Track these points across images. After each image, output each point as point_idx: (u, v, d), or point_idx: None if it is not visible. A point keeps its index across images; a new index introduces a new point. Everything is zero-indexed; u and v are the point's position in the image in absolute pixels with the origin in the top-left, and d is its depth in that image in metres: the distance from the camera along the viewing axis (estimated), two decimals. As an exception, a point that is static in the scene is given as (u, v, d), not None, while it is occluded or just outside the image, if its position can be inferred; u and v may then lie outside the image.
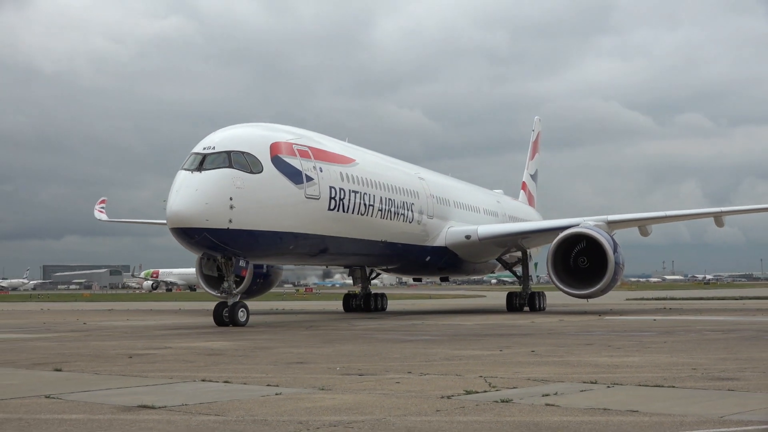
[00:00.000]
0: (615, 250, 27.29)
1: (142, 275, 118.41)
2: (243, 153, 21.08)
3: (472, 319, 24.86)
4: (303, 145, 23.19)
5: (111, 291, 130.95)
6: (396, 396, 7.95)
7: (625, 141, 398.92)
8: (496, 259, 34.51)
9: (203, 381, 9.33)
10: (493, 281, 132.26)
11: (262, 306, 38.01)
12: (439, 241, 30.82)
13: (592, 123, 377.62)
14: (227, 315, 20.98)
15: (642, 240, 33.17)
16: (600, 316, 25.85)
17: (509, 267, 35.91)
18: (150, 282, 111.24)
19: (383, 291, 40.66)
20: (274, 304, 43.37)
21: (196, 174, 20.44)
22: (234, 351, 13.75)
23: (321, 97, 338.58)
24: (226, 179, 20.46)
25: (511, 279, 47.50)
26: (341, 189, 24.07)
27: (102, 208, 44.51)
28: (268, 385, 8.84)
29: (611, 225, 30.62)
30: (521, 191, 49.13)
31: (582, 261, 28.47)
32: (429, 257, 30.66)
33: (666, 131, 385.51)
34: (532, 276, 36.03)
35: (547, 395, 7.80)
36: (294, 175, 22.12)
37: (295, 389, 8.54)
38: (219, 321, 21.12)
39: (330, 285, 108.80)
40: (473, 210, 34.61)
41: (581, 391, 8.12)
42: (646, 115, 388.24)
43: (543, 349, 13.26)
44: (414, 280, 44.11)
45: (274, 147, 21.94)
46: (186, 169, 20.68)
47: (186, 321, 26.04)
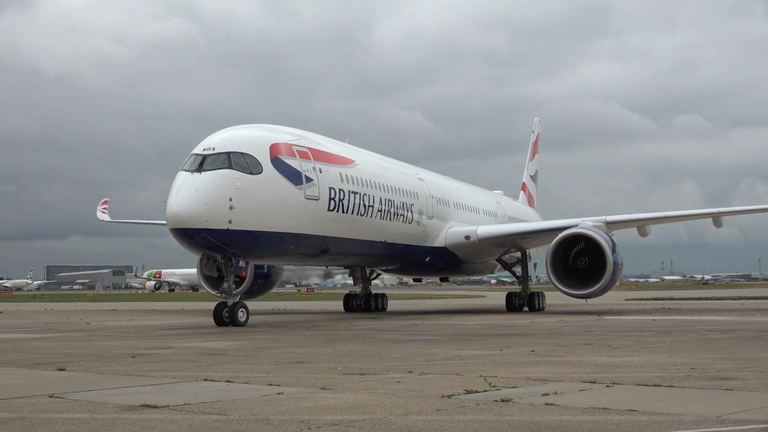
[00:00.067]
0: (613, 250, 27.32)
1: (145, 275, 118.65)
2: (243, 154, 21.12)
3: (472, 319, 24.91)
4: (302, 146, 23.22)
5: (114, 291, 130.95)
6: (397, 395, 7.99)
7: (624, 142, 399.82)
8: (495, 260, 34.54)
9: (206, 381, 9.38)
10: (493, 281, 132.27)
11: (263, 306, 38.03)
12: (439, 242, 30.86)
13: (591, 124, 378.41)
14: (227, 315, 21.02)
15: (641, 240, 33.30)
16: (599, 316, 25.89)
17: (509, 267, 35.95)
18: (153, 282, 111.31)
19: (384, 291, 40.75)
20: (275, 304, 43.37)
21: (196, 175, 20.49)
22: (236, 351, 13.79)
23: (322, 99, 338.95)
24: (225, 180, 20.50)
25: (511, 279, 47.52)
26: (341, 190, 24.11)
27: (105, 208, 44.48)
28: (269, 385, 8.88)
29: (610, 225, 30.67)
30: (521, 192, 49.15)
31: (581, 261, 28.51)
32: (429, 258, 30.70)
33: (664, 132, 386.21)
34: (531, 276, 36.08)
35: (547, 395, 7.84)
36: (293, 176, 22.16)
37: (297, 389, 8.58)
38: (219, 321, 21.17)
39: (331, 285, 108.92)
40: (473, 211, 34.65)
41: (581, 391, 8.16)
42: (644, 117, 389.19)
43: (543, 349, 13.30)
44: (414, 280, 44.12)
45: (273, 148, 21.98)
46: (186, 170, 20.74)
47: (188, 321, 26.06)
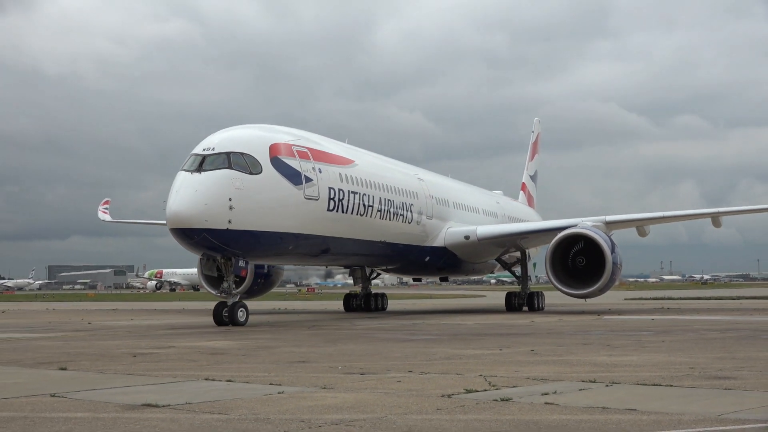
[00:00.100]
0: (613, 250, 27.34)
1: (146, 275, 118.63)
2: (242, 154, 21.13)
3: (472, 319, 24.93)
4: (302, 146, 23.22)
5: (115, 291, 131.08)
6: (397, 395, 8.02)
7: (624, 142, 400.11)
8: (495, 260, 34.55)
9: (206, 380, 9.40)
10: (493, 281, 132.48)
11: (264, 306, 38.05)
12: (439, 242, 30.87)
13: (590, 124, 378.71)
14: (227, 315, 21.04)
15: (640, 240, 33.32)
16: (598, 315, 25.91)
17: (508, 267, 35.98)
18: (154, 282, 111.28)
19: (384, 291, 40.77)
20: (276, 303, 43.39)
21: (195, 175, 20.51)
22: (237, 350, 13.82)
23: (322, 99, 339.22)
24: (225, 180, 20.51)
25: (511, 279, 47.60)
26: (340, 190, 24.12)
27: (106, 209, 44.49)
28: (270, 384, 8.91)
29: (609, 225, 30.68)
30: (521, 192, 49.17)
31: (580, 261, 28.51)
32: (428, 257, 30.72)
33: (663, 133, 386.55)
34: (531, 276, 36.17)
35: (547, 394, 7.87)
36: (293, 176, 22.17)
37: (298, 388, 8.60)
38: (219, 321, 21.19)
39: (332, 285, 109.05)
40: (472, 210, 34.67)
41: (580, 390, 8.18)
42: (644, 117, 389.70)
43: (542, 349, 13.33)
44: (414, 280, 44.14)
45: (273, 148, 21.99)
46: (186, 170, 20.75)
47: (189, 321, 26.08)
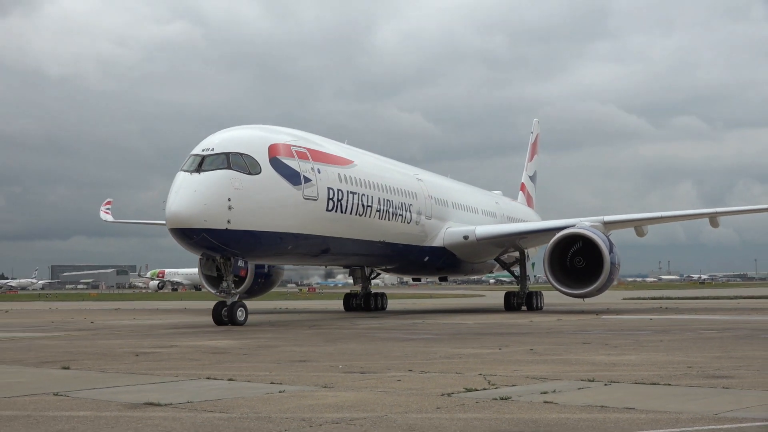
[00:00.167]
0: (611, 250, 27.40)
1: (148, 275, 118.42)
2: (241, 154, 21.16)
3: (471, 318, 24.98)
4: (301, 147, 23.25)
5: (118, 291, 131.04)
6: (397, 393, 8.06)
7: (622, 143, 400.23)
8: (494, 260, 34.59)
9: (208, 379, 9.45)
10: (492, 281, 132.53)
11: (265, 305, 38.08)
12: (438, 242, 30.91)
13: (589, 126, 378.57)
14: (226, 314, 21.08)
15: (638, 240, 33.40)
16: (597, 315, 25.96)
17: (507, 267, 36.02)
18: (156, 282, 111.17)
19: (384, 290, 40.83)
20: (276, 303, 43.42)
21: (194, 175, 20.54)
22: (238, 349, 13.86)
23: (322, 100, 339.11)
24: (224, 180, 20.54)
25: (509, 279, 47.63)
26: (339, 190, 24.16)
27: (108, 209, 44.49)
28: (271, 383, 8.95)
29: (608, 225, 30.74)
30: (520, 192, 49.21)
31: (578, 261, 28.58)
32: (427, 257, 30.76)
33: (662, 134, 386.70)
34: (529, 276, 36.18)
35: (546, 393, 7.91)
36: (292, 177, 22.20)
37: (298, 387, 8.65)
38: (218, 320, 21.24)
39: (332, 285, 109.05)
40: (471, 211, 34.71)
41: (579, 389, 8.22)
42: (642, 118, 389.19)
43: (541, 348, 13.38)
44: (413, 279, 44.19)
45: (272, 148, 22.02)
46: (185, 171, 20.78)
47: (191, 320, 26.11)
